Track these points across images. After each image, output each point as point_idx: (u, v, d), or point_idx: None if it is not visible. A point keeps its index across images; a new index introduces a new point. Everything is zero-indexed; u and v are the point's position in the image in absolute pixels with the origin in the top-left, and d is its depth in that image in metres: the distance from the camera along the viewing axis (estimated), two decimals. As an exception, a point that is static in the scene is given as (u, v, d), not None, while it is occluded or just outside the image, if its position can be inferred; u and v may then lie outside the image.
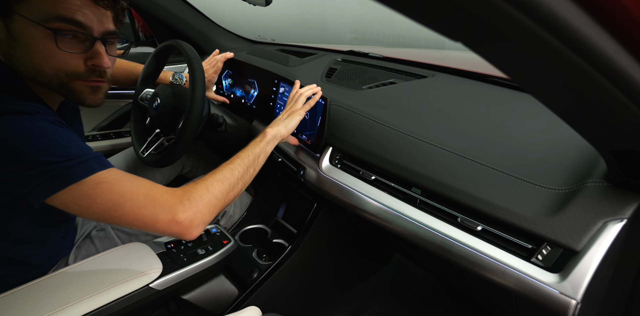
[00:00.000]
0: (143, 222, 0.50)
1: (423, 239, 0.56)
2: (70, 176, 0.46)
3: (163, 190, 0.52)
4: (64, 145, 0.47)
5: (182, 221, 0.51)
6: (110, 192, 0.48)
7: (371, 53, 1.04)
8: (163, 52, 0.90)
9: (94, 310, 0.56)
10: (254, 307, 0.65)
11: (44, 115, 0.49)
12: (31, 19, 0.47)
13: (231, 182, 0.58)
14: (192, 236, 0.53)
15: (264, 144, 0.67)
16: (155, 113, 0.86)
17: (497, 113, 0.66)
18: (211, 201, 0.54)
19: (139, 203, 0.49)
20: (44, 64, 0.51)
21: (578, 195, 0.44)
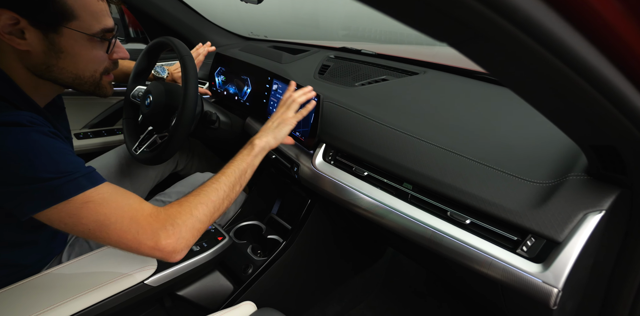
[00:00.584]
0: (126, 245, 0.51)
1: (414, 233, 0.57)
2: (58, 194, 0.47)
3: (148, 214, 0.52)
4: (55, 161, 0.48)
5: (164, 247, 0.52)
6: (97, 212, 0.49)
7: (364, 50, 1.05)
8: (154, 48, 0.90)
9: (89, 306, 0.56)
10: (249, 302, 0.67)
11: (39, 126, 0.49)
12: (86, 32, 0.54)
13: (216, 203, 0.59)
14: (174, 260, 0.54)
15: (252, 158, 0.66)
16: (148, 111, 0.86)
17: (485, 109, 0.68)
18: (195, 225, 0.55)
19: (123, 226, 0.50)
20: (85, 69, 0.57)
21: (560, 188, 0.46)
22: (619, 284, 0.45)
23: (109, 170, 0.94)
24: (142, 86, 0.94)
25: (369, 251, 1.15)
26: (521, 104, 0.61)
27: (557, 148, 0.53)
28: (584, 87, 0.26)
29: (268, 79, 0.91)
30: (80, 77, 0.58)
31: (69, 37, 0.53)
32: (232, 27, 1.27)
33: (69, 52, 0.54)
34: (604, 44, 0.23)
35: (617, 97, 0.27)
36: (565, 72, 0.24)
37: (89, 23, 0.53)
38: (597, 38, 0.23)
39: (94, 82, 0.60)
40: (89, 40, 0.55)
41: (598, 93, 0.27)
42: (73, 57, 0.55)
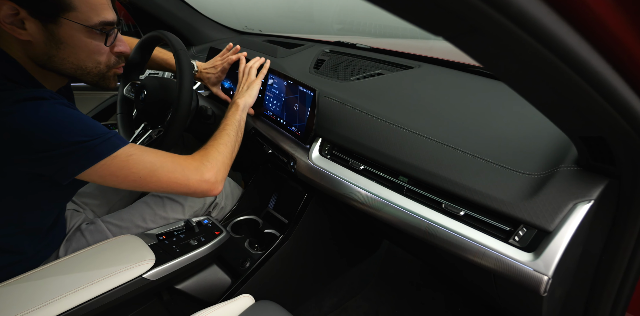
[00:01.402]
0: (177, 183, 0.59)
1: (410, 225, 0.59)
2: (99, 152, 0.52)
3: (184, 156, 0.62)
4: (88, 125, 0.53)
5: (208, 178, 0.62)
6: (143, 161, 0.56)
7: (359, 44, 1.05)
8: (148, 43, 0.89)
9: (88, 300, 0.57)
10: (247, 295, 0.67)
11: (59, 100, 0.53)
12: (83, 24, 0.54)
13: (232, 143, 0.70)
14: (218, 191, 0.64)
15: (240, 112, 0.77)
16: (143, 106, 0.85)
17: (479, 103, 0.69)
18: (224, 160, 0.66)
19: (170, 168, 0.58)
20: (87, 60, 0.58)
21: (551, 179, 0.47)
22: (606, 271, 0.47)
23: (104, 165, 0.93)
24: (136, 81, 0.93)
25: (364, 244, 1.16)
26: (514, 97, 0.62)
27: (549, 140, 0.54)
28: (575, 79, 0.27)
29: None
30: (82, 68, 0.59)
31: (67, 28, 0.53)
32: (225, 20, 1.26)
33: (68, 43, 0.55)
34: (595, 38, 0.24)
35: (606, 89, 0.28)
36: (557, 65, 0.25)
37: (87, 15, 0.54)
38: (588, 32, 0.23)
39: (99, 73, 0.61)
40: (88, 32, 0.55)
41: (588, 85, 0.28)
42: (72, 48, 0.56)
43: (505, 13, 0.21)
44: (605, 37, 0.25)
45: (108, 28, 0.57)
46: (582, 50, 0.24)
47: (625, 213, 0.43)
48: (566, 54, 0.24)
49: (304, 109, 0.77)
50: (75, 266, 0.61)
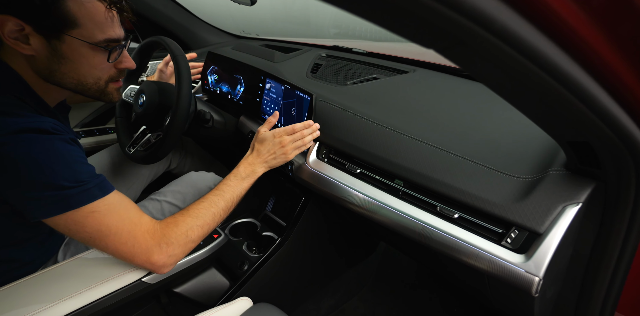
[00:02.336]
0: (121, 256, 0.56)
1: (405, 228, 0.60)
2: (70, 203, 0.50)
3: (145, 229, 0.57)
4: (74, 170, 0.51)
5: (155, 262, 0.57)
6: (100, 223, 0.53)
7: (355, 48, 1.07)
8: (147, 48, 0.90)
9: (88, 303, 0.57)
10: (245, 298, 0.68)
11: (60, 135, 0.52)
12: (86, 41, 0.54)
13: (211, 226, 0.65)
14: (162, 273, 0.60)
15: (248, 181, 0.73)
16: (141, 110, 0.86)
17: (472, 107, 0.70)
18: (187, 245, 0.61)
19: (122, 239, 0.54)
20: (87, 75, 0.58)
21: (542, 182, 0.49)
22: (595, 271, 0.48)
23: (102, 169, 0.94)
24: (135, 85, 0.94)
25: (361, 246, 1.17)
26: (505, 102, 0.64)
27: (539, 144, 0.55)
28: (558, 89, 0.28)
29: (261, 78, 0.92)
30: (83, 83, 0.59)
31: (70, 44, 0.54)
32: (223, 25, 1.27)
33: (70, 59, 0.55)
34: (573, 50, 0.25)
35: (587, 98, 0.30)
36: (539, 75, 0.26)
37: (92, 32, 0.54)
38: (566, 45, 0.25)
39: (99, 89, 0.61)
40: (91, 49, 0.56)
41: (571, 95, 0.29)
42: (74, 63, 0.56)
43: (490, 29, 0.23)
44: (583, 49, 0.26)
45: (113, 45, 0.58)
46: (562, 62, 0.26)
47: (612, 215, 0.45)
48: (546, 64, 0.26)
49: (301, 113, 0.78)
50: (74, 270, 0.61)
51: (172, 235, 0.59)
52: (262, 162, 0.74)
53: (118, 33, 0.58)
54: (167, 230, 0.59)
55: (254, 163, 0.73)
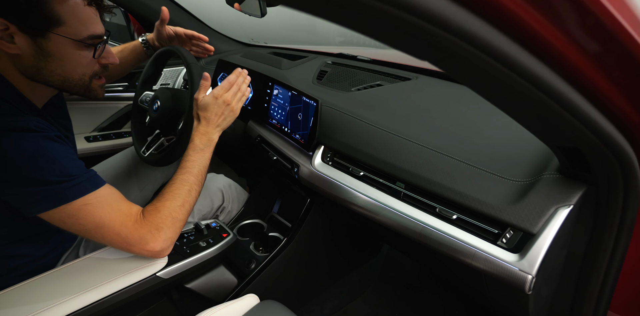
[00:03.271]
0: (118, 246, 0.60)
1: (406, 228, 0.62)
2: (63, 197, 0.53)
3: (134, 220, 0.59)
4: (62, 165, 0.53)
5: (151, 249, 0.60)
6: (93, 215, 0.55)
7: (360, 56, 1.10)
8: (162, 56, 0.95)
9: (104, 297, 0.61)
10: (252, 295, 0.71)
11: (45, 132, 0.54)
12: (71, 38, 0.56)
13: (191, 203, 0.67)
14: (162, 256, 0.64)
15: (205, 152, 0.73)
16: (156, 115, 0.90)
17: (472, 113, 0.73)
18: (176, 225, 0.63)
19: (115, 230, 0.57)
20: (73, 72, 0.60)
21: (536, 185, 0.51)
22: (588, 272, 0.50)
23: (117, 171, 0.98)
24: (150, 91, 0.99)
25: (365, 248, 1.19)
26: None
27: (535, 149, 0.58)
28: (542, 97, 0.31)
29: (269, 85, 0.96)
30: (69, 80, 0.60)
31: (56, 41, 0.55)
32: (233, 33, 1.32)
33: (56, 56, 0.56)
34: (552, 62, 0.28)
35: (570, 106, 0.32)
36: (523, 85, 0.29)
37: (76, 29, 0.56)
38: (545, 58, 0.28)
39: (84, 85, 0.62)
40: (76, 45, 0.57)
41: (553, 102, 0.32)
42: (60, 60, 0.57)
43: (475, 45, 0.26)
44: (562, 62, 0.29)
45: (97, 41, 0.59)
46: (543, 73, 0.29)
47: (603, 217, 0.47)
48: (528, 75, 0.29)
49: (307, 118, 0.81)
50: (93, 265, 0.65)
51: (158, 220, 0.61)
52: (214, 127, 0.73)
53: (100, 29, 0.59)
54: (152, 217, 0.61)
55: (207, 132, 0.73)
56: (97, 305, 0.59)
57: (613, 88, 0.32)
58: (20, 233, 0.63)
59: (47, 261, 0.69)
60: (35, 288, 0.60)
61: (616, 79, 0.32)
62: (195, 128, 0.74)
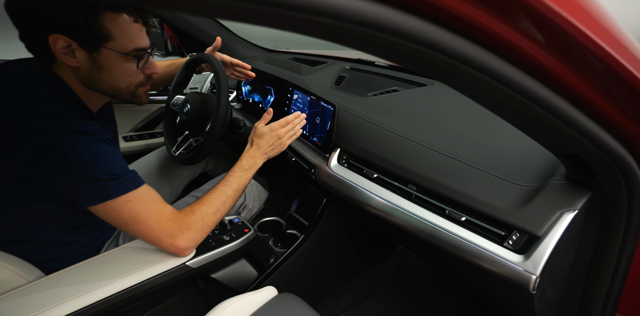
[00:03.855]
0: (150, 240, 0.66)
1: (417, 228, 0.65)
2: (109, 193, 0.60)
3: (168, 217, 0.66)
4: (111, 165, 0.61)
5: (178, 246, 0.67)
6: (132, 211, 0.63)
7: (377, 62, 1.14)
8: (192, 63, 1.02)
9: (140, 282, 0.68)
10: (271, 287, 0.76)
11: (99, 135, 0.62)
12: (119, 51, 0.63)
13: (222, 213, 0.74)
14: (184, 256, 0.70)
15: (251, 172, 0.81)
16: (186, 117, 0.98)
17: (484, 119, 0.75)
18: (204, 230, 0.71)
19: (150, 225, 0.64)
20: (121, 81, 0.67)
21: (543, 190, 0.53)
22: (595, 275, 0.51)
23: (150, 169, 1.07)
24: (181, 95, 1.07)
25: (380, 248, 1.22)
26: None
27: (543, 156, 0.59)
28: (535, 109, 0.34)
29: (289, 89, 1.02)
30: (118, 88, 0.68)
31: (107, 55, 0.63)
32: (257, 40, 1.39)
33: (107, 67, 0.64)
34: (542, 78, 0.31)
35: (564, 117, 0.35)
36: (516, 98, 0.32)
37: (123, 43, 0.63)
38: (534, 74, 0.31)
39: (130, 92, 0.70)
40: (123, 58, 0.64)
41: (548, 114, 0.35)
42: (110, 71, 0.65)
43: (471, 65, 0.29)
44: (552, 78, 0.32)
45: (141, 53, 0.66)
46: (534, 88, 0.32)
47: (609, 222, 0.48)
48: (523, 90, 0.32)
49: (324, 122, 0.86)
50: (131, 253, 0.73)
51: (190, 221, 0.68)
52: (262, 153, 0.83)
53: (145, 43, 0.66)
54: (186, 217, 0.68)
55: (255, 156, 0.82)
56: (134, 289, 0.67)
57: (607, 102, 0.35)
58: (73, 223, 0.71)
59: (92, 248, 0.77)
60: (83, 272, 0.68)
61: (609, 94, 0.34)
62: (246, 151, 0.84)
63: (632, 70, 0.34)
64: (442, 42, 0.27)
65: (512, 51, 0.29)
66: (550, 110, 0.34)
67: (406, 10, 0.25)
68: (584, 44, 0.30)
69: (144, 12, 0.65)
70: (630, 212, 0.46)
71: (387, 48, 0.29)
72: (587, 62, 0.32)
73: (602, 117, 0.36)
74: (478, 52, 0.29)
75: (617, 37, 0.31)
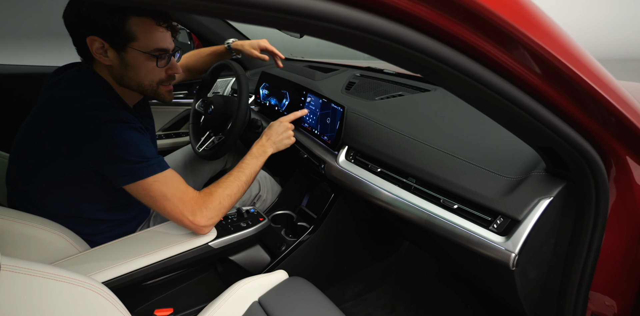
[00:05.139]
0: (173, 216, 0.74)
1: (415, 215, 0.73)
2: (139, 174, 0.70)
3: (190, 197, 0.75)
4: (141, 150, 0.70)
5: (198, 222, 0.75)
6: (159, 189, 0.71)
7: (386, 69, 1.23)
8: (217, 69, 1.14)
9: (170, 256, 0.77)
10: (282, 271, 0.85)
11: (132, 123, 0.72)
12: (142, 51, 0.72)
13: (237, 197, 0.82)
14: (203, 233, 0.78)
15: (263, 160, 0.90)
16: (209, 117, 1.09)
17: (479, 120, 0.82)
18: (221, 210, 0.79)
19: (175, 203, 0.72)
20: (144, 78, 0.76)
21: (525, 181, 0.60)
22: (572, 256, 0.58)
23: (177, 164, 1.19)
24: (205, 98, 1.19)
25: (386, 242, 1.29)
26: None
27: (528, 152, 0.66)
28: (504, 103, 0.42)
29: (303, 93, 1.11)
30: (142, 85, 0.76)
31: (132, 54, 0.71)
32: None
33: (132, 65, 0.73)
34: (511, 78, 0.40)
35: (530, 111, 0.43)
36: (487, 92, 0.40)
37: (146, 43, 0.71)
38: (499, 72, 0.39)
39: (152, 89, 0.78)
40: (146, 57, 0.72)
41: (516, 107, 0.42)
42: (135, 69, 0.73)
43: (447, 64, 0.38)
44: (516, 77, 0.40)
45: (161, 53, 0.73)
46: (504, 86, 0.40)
47: (582, 209, 0.55)
48: (491, 87, 0.40)
49: (334, 122, 0.95)
50: (161, 233, 0.83)
51: (209, 202, 0.76)
52: (272, 143, 0.92)
53: (166, 44, 0.73)
54: (206, 197, 0.77)
55: (265, 145, 0.91)
56: (165, 262, 0.77)
57: (567, 102, 0.43)
58: (114, 202, 0.82)
59: (129, 227, 0.88)
60: (122, 246, 0.78)
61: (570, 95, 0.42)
62: (257, 141, 0.93)
63: (582, 76, 0.42)
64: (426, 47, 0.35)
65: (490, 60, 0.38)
66: (518, 103, 0.42)
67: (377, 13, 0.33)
68: (544, 58, 0.38)
69: (167, 17, 0.74)
70: (598, 200, 0.52)
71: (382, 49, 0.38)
72: (549, 70, 0.40)
73: (565, 114, 0.44)
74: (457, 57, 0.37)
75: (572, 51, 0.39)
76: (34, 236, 0.71)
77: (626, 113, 0.46)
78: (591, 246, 0.55)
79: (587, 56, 0.43)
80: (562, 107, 0.44)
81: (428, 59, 0.37)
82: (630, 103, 0.48)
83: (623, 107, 0.46)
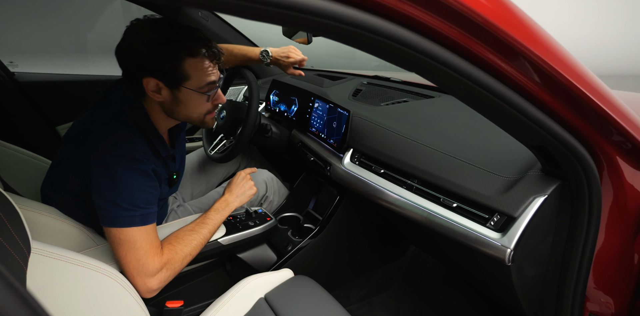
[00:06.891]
0: (127, 270, 0.69)
1: (416, 214, 0.75)
2: (119, 221, 0.69)
3: (157, 252, 0.71)
4: (135, 197, 0.69)
5: (150, 286, 0.70)
6: (128, 241, 0.69)
7: (392, 78, 1.27)
8: (231, 76, 1.21)
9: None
10: (288, 269, 0.88)
11: (144, 164, 0.72)
12: (195, 89, 0.75)
13: (194, 255, 0.79)
14: (146, 296, 0.71)
15: (228, 212, 0.89)
16: (222, 122, 1.15)
17: (479, 124, 0.85)
18: (176, 270, 0.75)
19: (137, 256, 0.69)
20: (194, 112, 0.79)
21: (521, 180, 0.63)
22: (568, 255, 0.59)
23: (191, 167, 1.25)
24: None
25: (392, 246, 1.30)
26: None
27: (525, 154, 0.69)
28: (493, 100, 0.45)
29: (311, 99, 1.17)
30: (190, 118, 0.80)
31: (184, 92, 0.74)
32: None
33: (183, 102, 0.76)
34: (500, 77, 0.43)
35: (518, 108, 0.46)
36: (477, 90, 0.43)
37: (199, 81, 0.73)
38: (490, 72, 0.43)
39: (199, 120, 0.81)
40: (197, 94, 0.75)
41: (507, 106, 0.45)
42: (186, 105, 0.76)
43: (437, 61, 0.41)
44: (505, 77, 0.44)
45: (212, 87, 0.76)
46: (492, 84, 0.43)
47: (576, 207, 0.57)
48: (481, 84, 0.43)
49: (340, 126, 0.99)
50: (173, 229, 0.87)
51: (172, 262, 0.73)
52: (235, 197, 0.92)
53: (215, 77, 0.75)
54: (170, 256, 0.73)
55: (227, 200, 0.91)
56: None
57: (558, 103, 0.45)
58: None
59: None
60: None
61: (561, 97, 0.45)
62: (220, 198, 0.93)
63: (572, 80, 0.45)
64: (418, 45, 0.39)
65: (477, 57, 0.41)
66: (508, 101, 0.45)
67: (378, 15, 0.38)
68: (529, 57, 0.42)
69: (219, 56, 0.74)
70: (590, 197, 0.54)
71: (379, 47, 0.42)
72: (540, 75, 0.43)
73: (555, 113, 0.47)
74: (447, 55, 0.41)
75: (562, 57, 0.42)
76: (60, 229, 0.77)
77: (616, 116, 0.49)
78: (586, 243, 0.57)
79: (573, 60, 0.46)
80: (551, 106, 0.47)
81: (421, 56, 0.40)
82: (620, 108, 0.50)
83: (612, 111, 0.48)
